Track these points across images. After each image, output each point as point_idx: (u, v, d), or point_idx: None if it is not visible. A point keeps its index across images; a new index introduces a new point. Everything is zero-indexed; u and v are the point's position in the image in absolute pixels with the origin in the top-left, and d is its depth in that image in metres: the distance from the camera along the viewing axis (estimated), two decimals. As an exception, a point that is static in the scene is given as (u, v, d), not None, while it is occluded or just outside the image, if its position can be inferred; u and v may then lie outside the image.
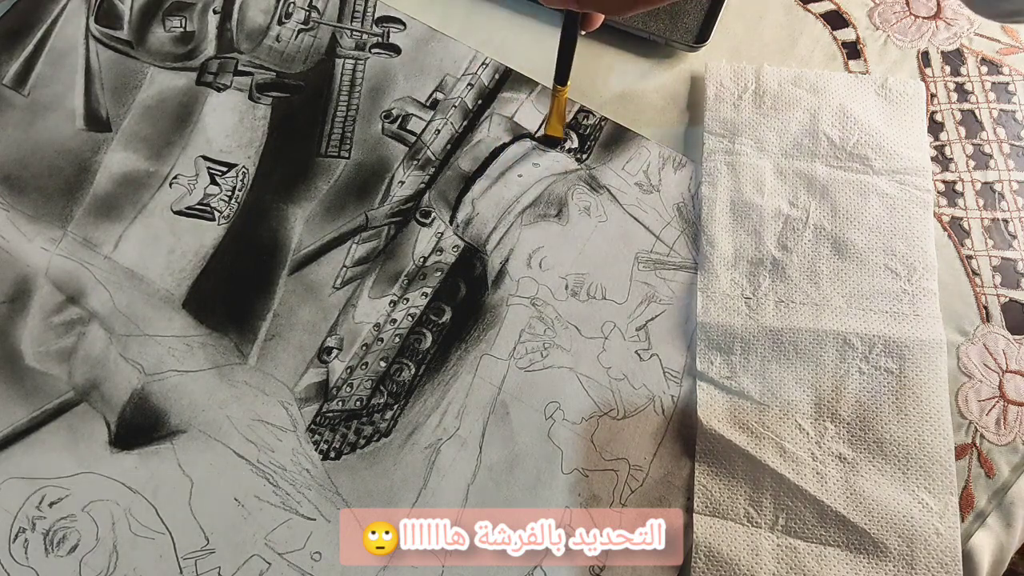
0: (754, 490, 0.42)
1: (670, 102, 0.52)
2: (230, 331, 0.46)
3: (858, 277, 0.46)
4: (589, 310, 0.46)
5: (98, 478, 0.42)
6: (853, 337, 0.44)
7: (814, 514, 0.41)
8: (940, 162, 0.50)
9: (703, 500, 0.42)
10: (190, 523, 0.41)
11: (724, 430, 0.43)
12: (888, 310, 0.45)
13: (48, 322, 0.46)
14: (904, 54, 0.53)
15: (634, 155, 0.50)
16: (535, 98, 0.51)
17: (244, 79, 0.52)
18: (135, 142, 0.50)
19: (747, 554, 0.41)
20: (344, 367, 0.45)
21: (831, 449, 0.43)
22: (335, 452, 0.43)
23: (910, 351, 0.44)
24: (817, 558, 0.41)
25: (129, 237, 0.48)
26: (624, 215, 0.49)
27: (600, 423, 0.44)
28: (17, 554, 0.41)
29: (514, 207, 0.49)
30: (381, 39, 0.53)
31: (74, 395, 0.44)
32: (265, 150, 0.50)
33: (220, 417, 0.44)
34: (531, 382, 0.45)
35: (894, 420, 0.43)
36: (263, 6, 0.54)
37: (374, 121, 0.51)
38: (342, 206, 0.49)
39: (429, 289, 0.47)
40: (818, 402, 0.44)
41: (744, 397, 0.44)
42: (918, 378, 0.43)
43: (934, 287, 0.46)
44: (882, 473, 0.42)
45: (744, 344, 0.45)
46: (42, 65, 0.52)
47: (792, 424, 0.43)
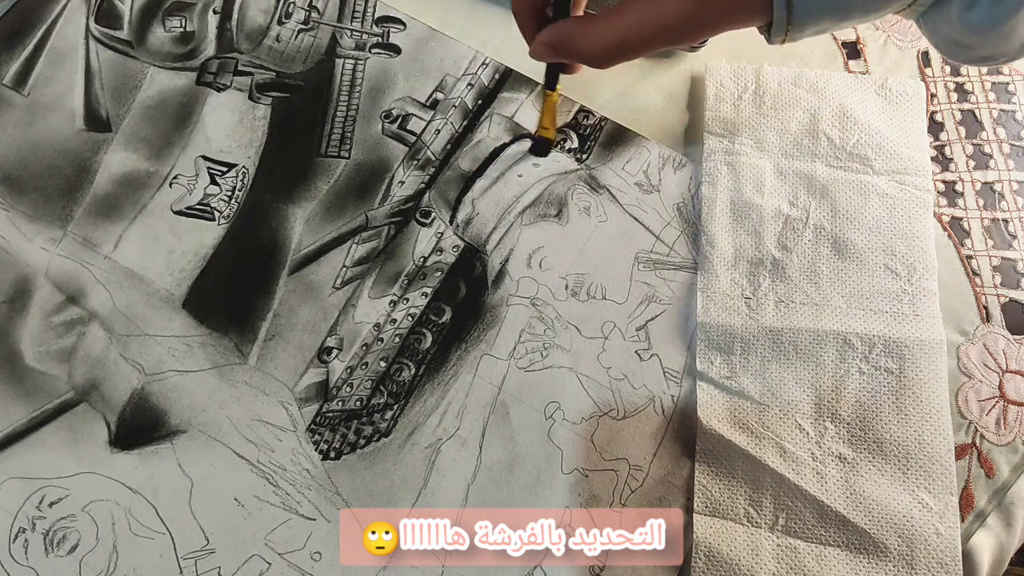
0: (754, 490, 0.42)
1: (670, 102, 0.52)
2: (230, 331, 0.46)
3: (858, 277, 0.46)
4: (589, 310, 0.46)
5: (98, 478, 0.42)
6: (853, 337, 0.44)
7: (814, 514, 0.41)
8: (940, 162, 0.50)
9: (703, 500, 0.42)
10: (190, 523, 0.41)
11: (724, 430, 0.43)
12: (888, 310, 0.45)
13: (48, 322, 0.46)
14: (904, 54, 0.53)
15: (634, 155, 0.50)
16: (535, 98, 0.51)
17: (244, 79, 0.52)
18: (135, 142, 0.50)
19: (747, 554, 0.41)
20: (344, 367, 0.45)
21: (831, 449, 0.43)
22: (335, 452, 0.43)
23: (910, 351, 0.44)
24: (817, 558, 0.41)
25: (129, 237, 0.48)
26: (624, 215, 0.49)
27: (600, 423, 0.44)
28: (17, 554, 0.41)
29: (514, 207, 0.49)
30: (381, 39, 0.53)
31: (74, 395, 0.44)
32: (265, 150, 0.50)
33: (220, 417, 0.44)
34: (531, 382, 0.45)
35: (894, 420, 0.43)
36: (263, 6, 0.54)
37: (374, 121, 0.51)
38: (342, 206, 0.49)
39: (429, 289, 0.47)
40: (818, 402, 0.44)
41: (744, 397, 0.44)
42: (918, 378, 0.43)
43: (934, 287, 0.46)
44: (882, 473, 0.42)
45: (744, 344, 0.45)
46: (42, 65, 0.52)
47: (792, 424, 0.43)
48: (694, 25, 0.34)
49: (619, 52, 0.36)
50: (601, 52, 0.36)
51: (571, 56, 0.38)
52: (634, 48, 0.35)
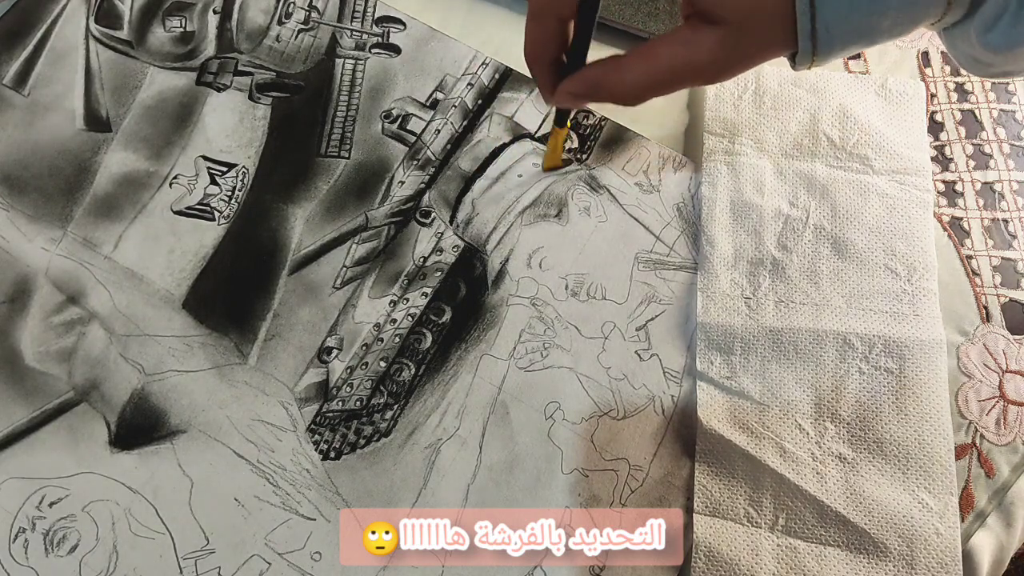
0: (754, 490, 0.42)
1: (670, 102, 0.52)
2: (230, 331, 0.46)
3: (858, 277, 0.46)
4: (589, 310, 0.46)
5: (98, 478, 0.42)
6: (853, 337, 0.44)
7: (814, 514, 0.41)
8: (940, 162, 0.50)
9: (703, 500, 0.42)
10: (190, 523, 0.41)
11: (724, 430, 0.43)
12: (888, 310, 0.45)
13: (48, 322, 0.46)
14: (904, 54, 0.53)
15: (634, 155, 0.50)
16: (535, 98, 0.51)
17: (244, 79, 0.52)
18: (135, 142, 0.50)
19: (747, 554, 0.41)
20: (344, 367, 0.45)
21: (831, 449, 0.43)
22: (335, 452, 0.43)
23: (910, 351, 0.44)
24: (817, 558, 0.41)
25: (129, 237, 0.48)
26: (624, 215, 0.49)
27: (600, 423, 0.44)
28: (17, 554, 0.41)
29: (514, 207, 0.49)
30: (381, 39, 0.53)
31: (74, 395, 0.44)
32: (265, 150, 0.50)
33: (220, 417, 0.44)
34: (531, 382, 0.45)
35: (894, 420, 0.43)
36: (263, 6, 0.54)
37: (374, 121, 0.51)
38: (342, 206, 0.49)
39: (429, 289, 0.47)
40: (818, 402, 0.44)
41: (744, 397, 0.44)
42: (918, 378, 0.43)
43: (934, 287, 0.46)
44: (882, 473, 0.42)
45: (744, 344, 0.45)
46: (42, 65, 0.52)
47: (792, 424, 0.43)
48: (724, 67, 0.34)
49: (650, 94, 0.36)
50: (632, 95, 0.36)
51: (600, 100, 0.37)
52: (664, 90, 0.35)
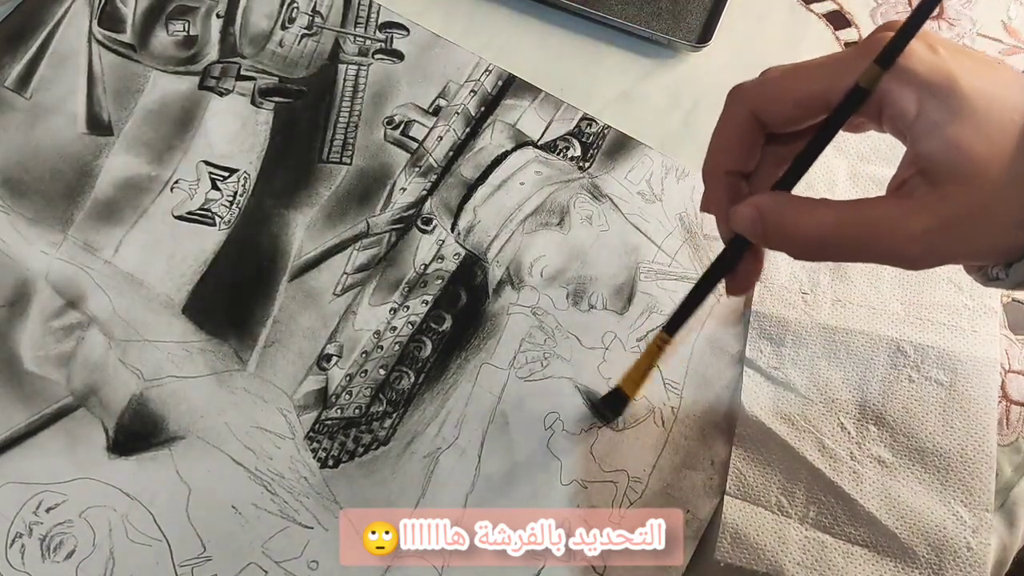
0: (788, 480, 0.42)
1: (673, 102, 0.52)
2: (230, 337, 0.45)
3: (920, 286, 0.46)
4: (590, 320, 0.46)
5: (96, 484, 0.42)
6: (907, 345, 0.44)
7: (846, 512, 0.41)
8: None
9: (736, 484, 0.42)
10: (187, 530, 0.41)
11: (766, 418, 0.43)
12: (946, 323, 0.45)
13: (47, 326, 0.45)
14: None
15: (637, 164, 0.50)
16: (538, 105, 0.51)
17: (247, 84, 0.52)
18: (137, 146, 0.50)
19: (774, 541, 0.41)
20: (344, 374, 0.45)
21: (871, 451, 0.42)
22: (333, 460, 0.43)
23: (963, 366, 0.44)
24: (844, 555, 0.41)
25: (129, 242, 0.48)
26: (626, 224, 0.48)
27: (599, 434, 0.43)
28: (14, 559, 0.41)
29: (516, 215, 0.48)
30: (384, 45, 0.53)
31: (72, 400, 0.44)
32: (267, 155, 0.50)
33: (219, 424, 0.43)
34: (531, 392, 0.44)
35: (939, 431, 0.43)
36: (266, 11, 0.54)
37: (376, 127, 0.51)
38: (343, 212, 0.49)
39: (430, 297, 0.47)
40: (863, 404, 0.43)
41: (789, 389, 0.44)
42: (968, 394, 0.43)
43: (996, 306, 0.45)
44: (920, 482, 0.42)
45: (796, 337, 0.45)
46: (44, 68, 0.52)
47: (835, 422, 0.43)
48: (930, 255, 0.29)
49: (830, 250, 0.30)
50: (815, 241, 0.30)
51: (775, 234, 0.31)
52: (848, 257, 0.31)
